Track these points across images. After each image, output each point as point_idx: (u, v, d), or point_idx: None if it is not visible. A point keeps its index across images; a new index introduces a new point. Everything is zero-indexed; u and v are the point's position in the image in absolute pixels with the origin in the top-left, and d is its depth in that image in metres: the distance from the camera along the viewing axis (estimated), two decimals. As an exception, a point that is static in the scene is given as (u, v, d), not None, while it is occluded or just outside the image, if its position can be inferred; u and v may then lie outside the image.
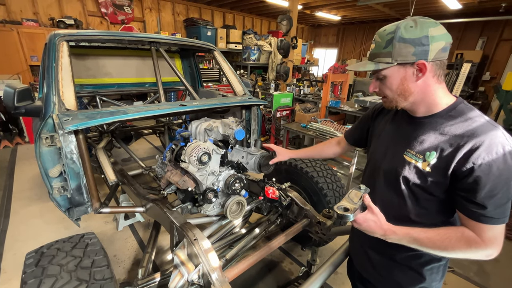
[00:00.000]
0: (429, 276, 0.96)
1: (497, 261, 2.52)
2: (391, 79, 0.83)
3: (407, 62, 0.79)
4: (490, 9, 6.99)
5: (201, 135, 1.90)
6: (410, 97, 0.85)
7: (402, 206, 0.92)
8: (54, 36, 1.76)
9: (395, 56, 0.79)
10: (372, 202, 0.83)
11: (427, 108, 0.86)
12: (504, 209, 0.75)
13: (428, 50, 0.77)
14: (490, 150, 0.72)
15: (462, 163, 0.75)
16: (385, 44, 0.80)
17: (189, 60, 3.50)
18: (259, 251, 1.43)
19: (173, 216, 1.51)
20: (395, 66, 0.81)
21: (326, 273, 1.30)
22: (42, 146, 1.45)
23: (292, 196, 1.84)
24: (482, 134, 0.74)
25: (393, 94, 0.86)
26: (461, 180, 0.76)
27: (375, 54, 0.84)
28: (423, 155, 0.83)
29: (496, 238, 0.77)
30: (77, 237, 1.31)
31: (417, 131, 0.88)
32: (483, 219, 0.75)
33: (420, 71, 0.79)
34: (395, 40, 0.78)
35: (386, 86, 0.86)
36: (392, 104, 0.89)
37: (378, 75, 0.86)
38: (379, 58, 0.82)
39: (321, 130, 3.64)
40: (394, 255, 0.99)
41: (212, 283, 1.15)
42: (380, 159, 1.00)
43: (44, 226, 2.69)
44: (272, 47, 8.02)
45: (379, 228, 0.82)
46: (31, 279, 1.03)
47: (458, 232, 0.79)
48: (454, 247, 0.78)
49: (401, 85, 0.83)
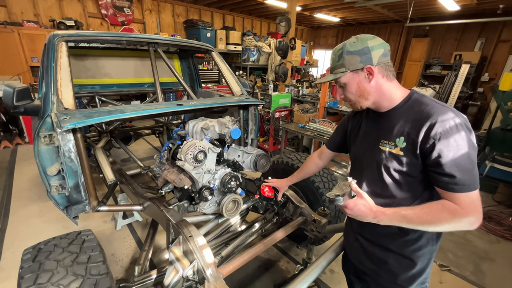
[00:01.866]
0: (421, 262, 1.02)
1: (493, 261, 2.53)
2: (349, 84, 1.00)
3: (357, 68, 0.95)
4: (488, 10, 7.01)
5: (198, 134, 1.92)
6: (369, 96, 0.99)
7: (388, 194, 0.99)
8: (53, 36, 1.79)
9: (347, 66, 0.96)
10: (359, 189, 0.93)
11: (388, 103, 1.00)
12: (472, 175, 0.83)
13: (371, 57, 0.93)
14: (444, 125, 0.83)
15: (425, 141, 0.86)
16: (337, 58, 0.99)
17: (188, 61, 3.53)
18: (254, 248, 1.45)
19: (170, 213, 1.53)
20: (349, 73, 0.97)
21: (321, 266, 1.32)
22: (41, 144, 1.47)
23: (288, 194, 1.86)
24: (435, 113, 0.86)
25: (355, 96, 1.02)
26: (428, 156, 0.87)
27: (332, 68, 1.03)
28: (394, 142, 0.95)
29: (474, 204, 0.84)
30: (74, 234, 1.33)
31: (385, 123, 1.01)
32: (456, 187, 0.83)
33: (370, 74, 0.95)
34: (344, 54, 0.96)
35: (348, 91, 1.02)
36: (357, 105, 1.04)
37: (339, 84, 1.02)
38: (336, 70, 1.00)
39: (319, 130, 3.66)
40: (387, 243, 1.04)
41: (206, 278, 1.17)
42: (361, 156, 1.11)
43: (43, 225, 2.71)
44: (272, 49, 8.05)
45: (369, 210, 0.91)
46: (27, 274, 1.05)
47: (439, 204, 0.87)
48: (440, 219, 0.84)
49: (358, 88, 0.99)
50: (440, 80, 7.10)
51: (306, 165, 1.55)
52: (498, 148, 3.79)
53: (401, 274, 1.04)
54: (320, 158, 1.49)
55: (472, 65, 7.25)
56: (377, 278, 1.11)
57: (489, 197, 3.64)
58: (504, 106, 3.73)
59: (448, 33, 8.42)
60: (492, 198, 3.60)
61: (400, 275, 1.04)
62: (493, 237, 2.88)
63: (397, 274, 1.05)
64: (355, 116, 1.22)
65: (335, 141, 1.38)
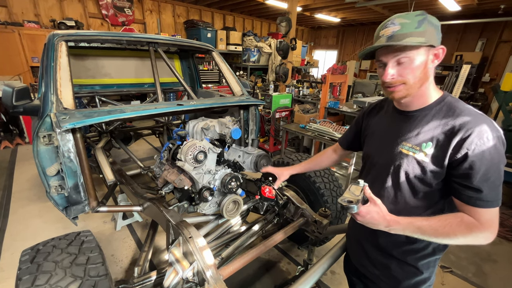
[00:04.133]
0: (425, 270, 0.98)
1: (495, 262, 2.51)
2: (416, 61, 0.81)
3: (433, 45, 0.80)
4: (489, 11, 7.00)
5: (198, 134, 1.91)
6: (425, 83, 0.85)
7: (401, 200, 0.94)
8: (53, 36, 1.78)
9: (428, 37, 0.78)
10: (373, 194, 0.84)
11: (422, 100, 0.89)
12: (498, 191, 0.79)
13: (440, 39, 0.82)
14: (481, 137, 0.76)
15: (456, 150, 0.79)
16: (417, 24, 0.78)
17: (188, 61, 3.53)
18: (254, 249, 1.43)
19: (169, 214, 1.52)
20: (424, 47, 0.80)
21: (322, 268, 1.30)
22: (40, 144, 1.46)
23: (289, 195, 1.84)
24: (472, 123, 0.78)
25: (414, 79, 0.83)
26: (456, 167, 0.80)
27: (404, 35, 0.78)
28: (420, 147, 0.86)
29: (493, 221, 0.80)
30: (73, 235, 1.32)
31: (411, 125, 0.91)
32: (480, 203, 0.79)
33: (436, 57, 0.83)
34: (427, 22, 0.79)
35: (411, 69, 0.82)
36: (407, 92, 0.85)
37: (401, 59, 0.81)
38: (410, 38, 0.77)
39: (320, 130, 3.65)
40: (391, 249, 1.00)
41: (206, 280, 1.16)
42: (377, 156, 1.03)
43: (42, 226, 2.70)
44: (272, 49, 8.05)
45: (383, 219, 0.83)
46: (26, 275, 1.03)
47: (457, 217, 0.82)
48: (455, 233, 0.79)
49: (424, 69, 0.82)
50: (441, 80, 7.09)
51: (320, 157, 1.47)
52: (499, 148, 3.77)
53: (404, 281, 1.01)
54: (335, 153, 1.42)
55: (473, 66, 7.24)
56: (379, 282, 1.08)
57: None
58: (506, 107, 3.72)
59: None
60: (493, 199, 3.58)
61: (403, 281, 1.01)
62: (495, 239, 2.84)
63: (400, 280, 1.01)
64: (371, 112, 1.14)
65: (347, 138, 1.31)
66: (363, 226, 0.89)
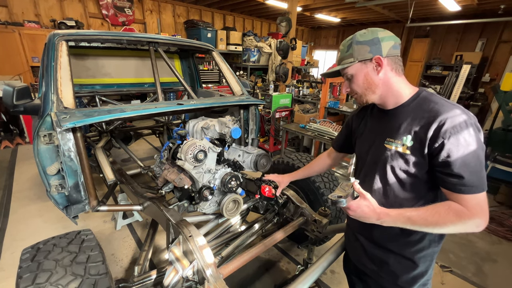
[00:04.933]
0: (422, 263, 1.00)
1: (495, 262, 2.51)
2: (356, 75, 0.96)
3: (366, 58, 0.92)
4: (489, 11, 7.00)
5: (198, 134, 1.92)
6: (376, 89, 0.96)
7: (391, 194, 0.97)
8: (54, 35, 1.78)
9: (356, 56, 0.93)
10: (362, 189, 0.90)
11: (395, 100, 0.97)
12: (480, 176, 0.81)
13: (381, 48, 0.91)
14: (455, 125, 0.81)
15: (433, 140, 0.84)
16: (346, 49, 0.96)
17: (188, 61, 3.53)
18: (254, 248, 1.43)
19: (169, 213, 1.52)
20: (357, 63, 0.94)
21: (322, 267, 1.30)
22: (40, 143, 1.46)
23: (289, 194, 1.85)
24: (445, 112, 0.84)
25: (361, 89, 0.98)
26: (436, 156, 0.84)
27: (341, 59, 0.99)
28: (401, 140, 0.92)
29: (481, 206, 0.82)
30: (73, 234, 1.32)
31: (391, 121, 0.98)
32: (464, 189, 0.81)
33: (378, 65, 0.92)
34: (354, 44, 0.93)
35: (355, 83, 0.98)
36: (363, 99, 1.00)
37: (346, 76, 0.99)
38: (344, 61, 0.97)
39: (320, 130, 3.65)
40: (388, 244, 1.03)
41: (206, 279, 1.16)
42: (365, 154, 1.09)
43: (43, 225, 2.71)
44: (272, 49, 8.05)
45: (373, 212, 0.88)
46: (26, 274, 1.04)
47: (445, 205, 0.85)
48: (445, 221, 0.82)
49: (366, 80, 0.95)
50: (441, 80, 7.09)
51: (314, 163, 1.52)
52: (499, 148, 3.78)
53: (402, 275, 1.02)
54: (329, 157, 1.47)
55: (473, 66, 7.24)
56: (378, 279, 1.09)
57: (490, 198, 3.62)
58: (506, 107, 3.72)
59: (449, 33, 8.40)
60: (493, 199, 3.58)
61: (401, 276, 1.03)
62: (495, 238, 2.87)
63: (398, 275, 1.03)
64: (359, 114, 1.20)
65: (339, 141, 1.36)
66: (359, 222, 0.94)
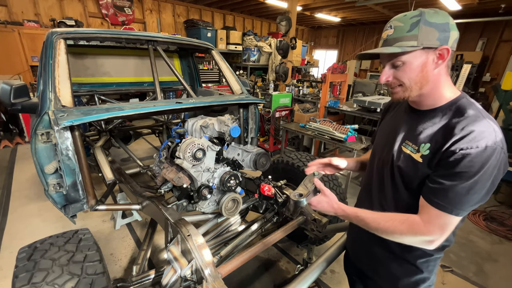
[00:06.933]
0: (425, 268, 0.97)
1: (495, 261, 2.50)
2: (411, 65, 0.79)
3: (432, 46, 0.76)
4: (489, 10, 6.99)
5: (197, 132, 1.90)
6: (425, 86, 0.81)
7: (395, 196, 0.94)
8: (52, 34, 1.77)
9: (421, 40, 0.75)
10: (323, 185, 0.96)
11: (433, 101, 0.85)
12: (459, 200, 0.74)
13: (449, 37, 0.76)
14: (473, 142, 0.71)
15: (447, 149, 0.76)
16: (409, 27, 0.76)
17: (188, 60, 3.52)
18: (253, 248, 1.42)
19: (168, 212, 1.51)
20: (419, 50, 0.77)
21: (321, 266, 1.29)
22: (38, 142, 1.45)
23: (288, 193, 1.83)
24: (473, 128, 0.73)
25: (410, 82, 0.81)
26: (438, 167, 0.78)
27: (395, 39, 0.79)
28: (418, 147, 0.84)
29: (441, 226, 0.77)
30: (71, 233, 1.31)
31: (417, 123, 0.88)
32: (434, 200, 0.77)
33: (441, 57, 0.77)
34: (421, 23, 0.75)
35: (405, 73, 0.80)
36: (405, 94, 0.84)
37: (395, 62, 0.80)
38: (402, 42, 0.77)
39: (320, 130, 3.64)
40: (390, 247, 0.99)
41: (204, 278, 1.15)
42: (379, 150, 1.03)
43: (41, 225, 2.70)
44: (272, 48, 8.04)
45: (331, 207, 0.96)
46: (22, 273, 1.03)
47: (404, 216, 0.84)
48: (395, 230, 0.83)
49: (420, 72, 0.79)
50: (442, 80, 7.06)
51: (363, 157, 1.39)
52: (500, 148, 3.76)
53: (403, 278, 1.00)
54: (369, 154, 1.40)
55: (474, 65, 7.23)
56: (378, 280, 1.08)
57: (491, 197, 3.60)
58: (506, 106, 3.71)
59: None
60: (494, 199, 3.57)
61: (401, 279, 1.00)
62: (496, 238, 2.85)
63: (399, 278, 1.00)
64: (388, 109, 1.11)
65: (373, 139, 1.26)
66: None
